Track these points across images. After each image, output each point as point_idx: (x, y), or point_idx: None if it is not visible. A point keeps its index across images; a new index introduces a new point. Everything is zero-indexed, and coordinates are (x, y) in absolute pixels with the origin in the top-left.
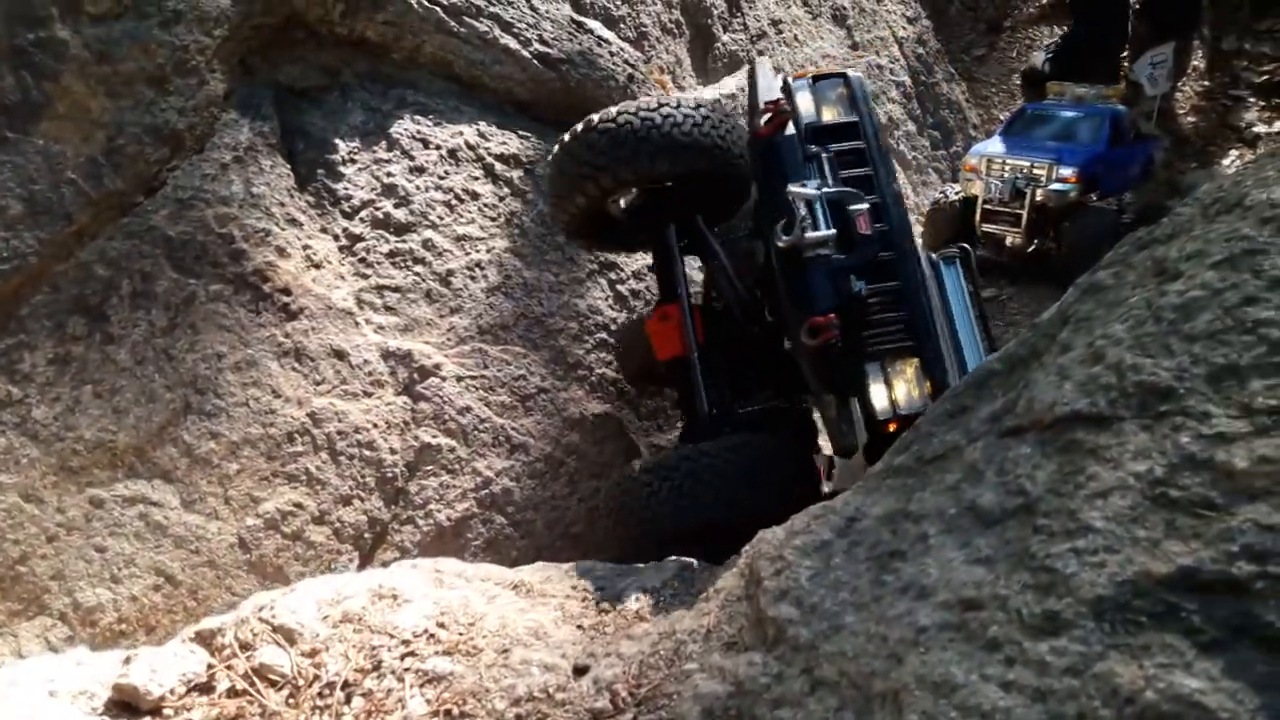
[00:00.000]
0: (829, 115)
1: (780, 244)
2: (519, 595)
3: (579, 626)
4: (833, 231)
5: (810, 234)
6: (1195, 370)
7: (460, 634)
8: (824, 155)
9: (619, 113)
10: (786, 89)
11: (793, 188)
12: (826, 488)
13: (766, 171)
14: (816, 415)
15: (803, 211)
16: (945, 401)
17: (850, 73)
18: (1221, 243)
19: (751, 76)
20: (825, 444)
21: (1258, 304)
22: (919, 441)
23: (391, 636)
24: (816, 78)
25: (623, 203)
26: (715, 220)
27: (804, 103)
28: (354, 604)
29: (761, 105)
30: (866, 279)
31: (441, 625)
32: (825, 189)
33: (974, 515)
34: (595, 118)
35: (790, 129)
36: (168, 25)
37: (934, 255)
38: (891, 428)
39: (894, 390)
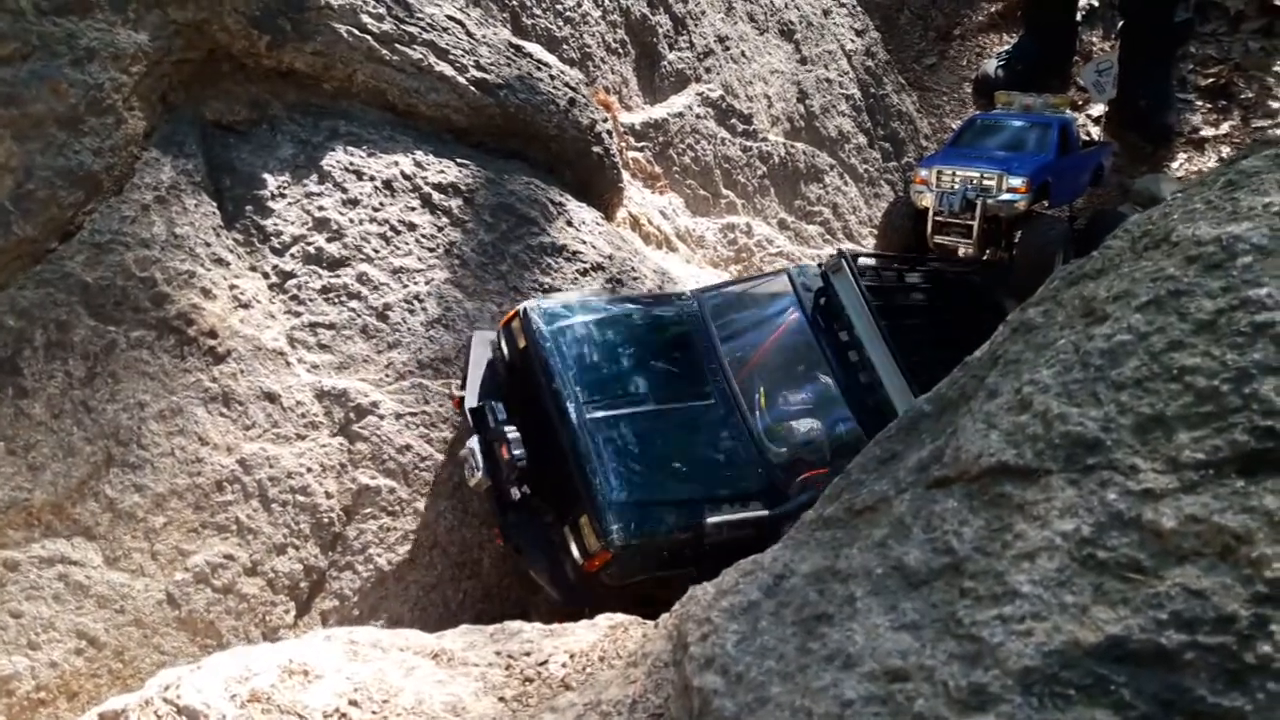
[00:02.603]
0: (519, 346)
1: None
2: (439, 665)
3: (500, 698)
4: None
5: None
6: (1122, 420)
7: (373, 712)
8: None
9: None
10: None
11: (469, 442)
12: None
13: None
14: None
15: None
16: (877, 446)
17: (524, 306)
18: (1148, 282)
19: (467, 348)
20: None
21: (1184, 350)
22: (849, 490)
23: (300, 717)
24: (507, 321)
25: None
26: None
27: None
28: (262, 681)
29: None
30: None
31: (354, 704)
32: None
33: (901, 575)
34: None
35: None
36: (80, 64)
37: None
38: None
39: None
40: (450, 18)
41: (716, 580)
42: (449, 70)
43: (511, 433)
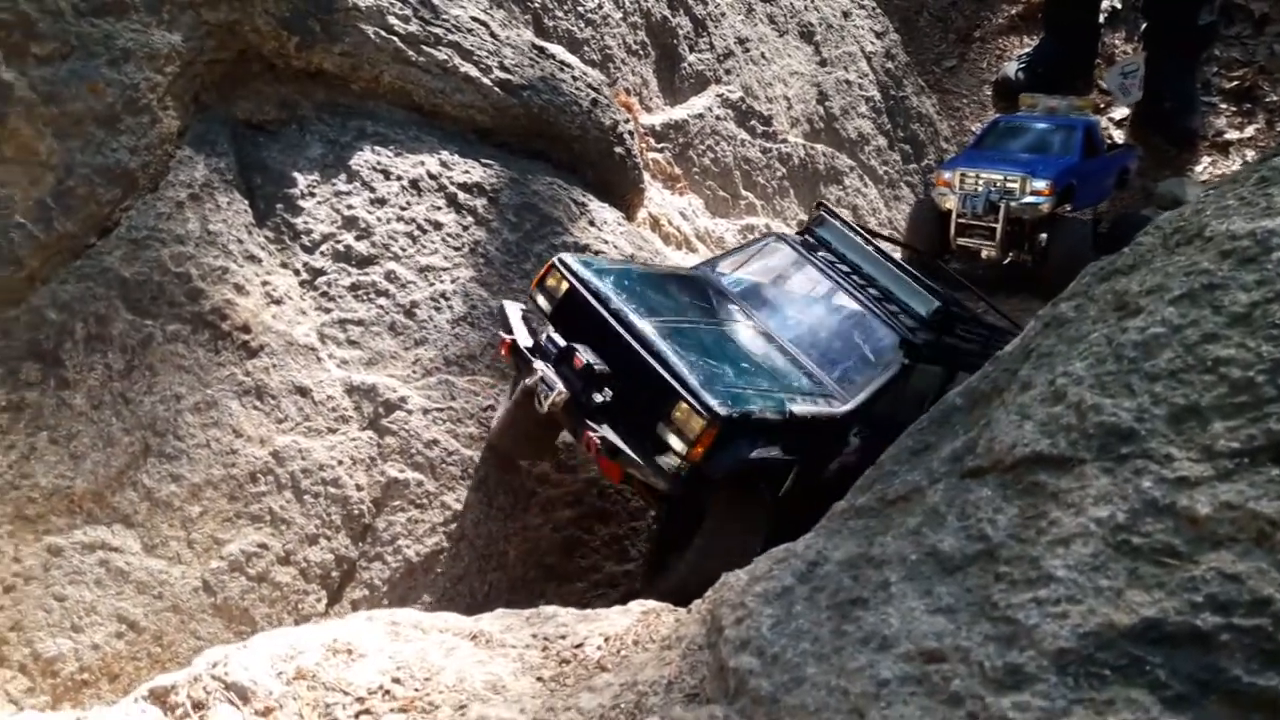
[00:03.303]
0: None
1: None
2: (478, 646)
3: (539, 678)
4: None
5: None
6: (1156, 411)
7: (416, 690)
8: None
9: None
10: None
11: (536, 369)
12: None
13: None
14: None
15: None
16: (909, 438)
17: (555, 258)
18: (1181, 277)
19: (502, 312)
20: None
21: (1218, 341)
22: (882, 480)
23: (346, 694)
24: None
25: None
26: None
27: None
28: (308, 659)
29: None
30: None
31: (397, 681)
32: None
33: (935, 561)
34: None
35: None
36: (116, 64)
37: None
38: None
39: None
40: (475, 19)
41: (749, 567)
42: (474, 71)
43: (583, 348)
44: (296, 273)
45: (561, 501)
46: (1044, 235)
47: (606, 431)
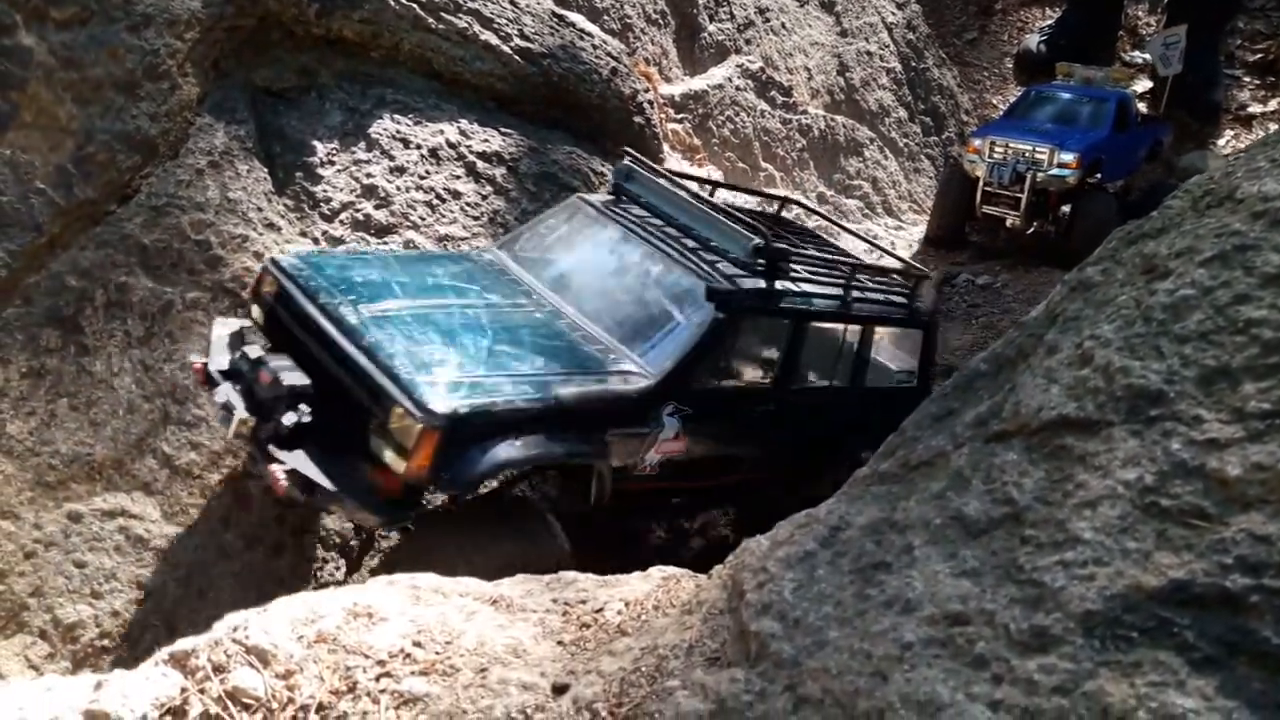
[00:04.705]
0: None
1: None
2: (498, 610)
3: (559, 642)
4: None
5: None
6: (1186, 373)
7: (437, 653)
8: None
9: None
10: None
11: (219, 392)
12: None
13: None
14: None
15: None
16: (932, 403)
17: (264, 261)
18: (1212, 239)
19: (207, 333)
20: None
21: (1249, 303)
22: (905, 446)
23: (367, 657)
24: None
25: None
26: None
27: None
28: (329, 623)
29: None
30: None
31: (418, 644)
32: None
33: (960, 525)
34: None
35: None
36: (136, 30)
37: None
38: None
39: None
40: None
41: (770, 533)
42: (493, 39)
43: (277, 360)
44: (315, 241)
45: None
46: (1068, 207)
47: (298, 460)
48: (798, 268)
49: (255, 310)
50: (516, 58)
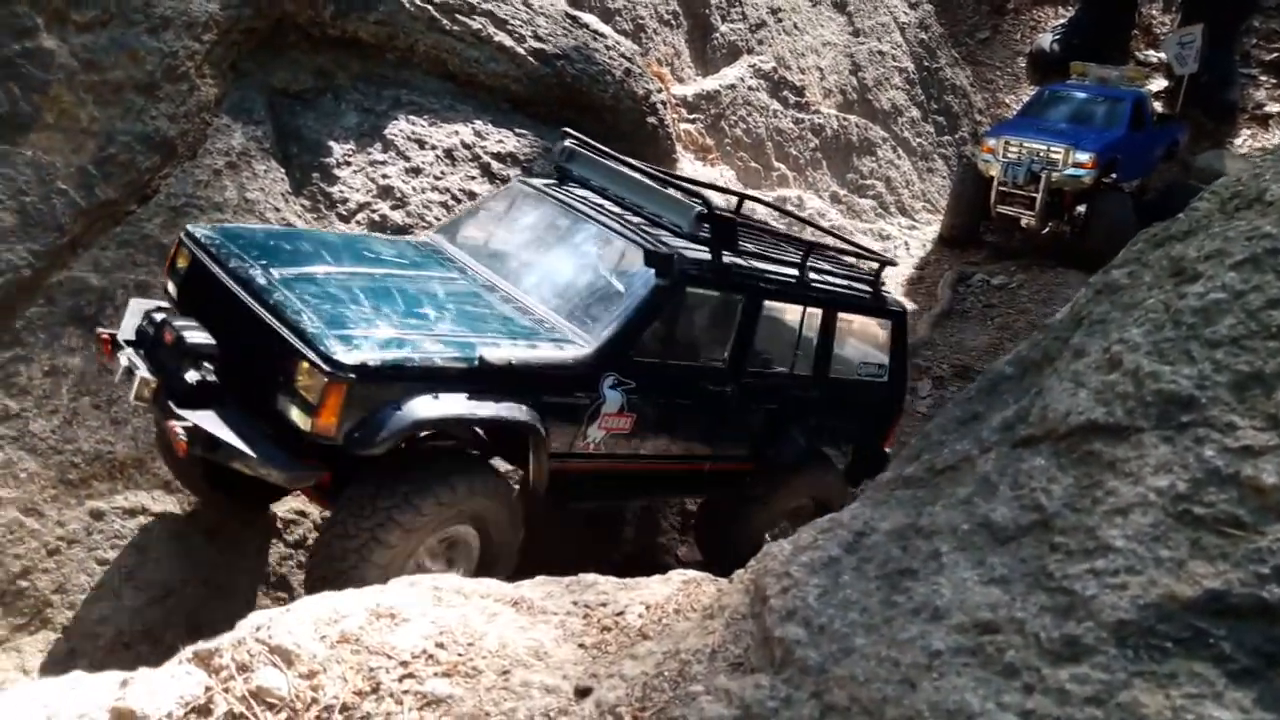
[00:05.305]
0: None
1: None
2: (519, 612)
3: (581, 645)
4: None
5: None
6: (1218, 378)
7: (459, 654)
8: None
9: None
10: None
11: (121, 357)
12: None
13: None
14: None
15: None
16: (956, 407)
17: (180, 234)
18: (1242, 241)
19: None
20: None
21: None
22: (929, 450)
23: (389, 657)
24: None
25: None
26: None
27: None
28: (352, 623)
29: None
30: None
31: (440, 645)
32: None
33: (988, 531)
34: None
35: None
36: (155, 32)
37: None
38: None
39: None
40: None
41: (793, 537)
42: (508, 40)
43: (181, 320)
44: None
45: None
46: (1083, 207)
47: (201, 418)
48: (750, 245)
49: (170, 286)
50: (530, 59)
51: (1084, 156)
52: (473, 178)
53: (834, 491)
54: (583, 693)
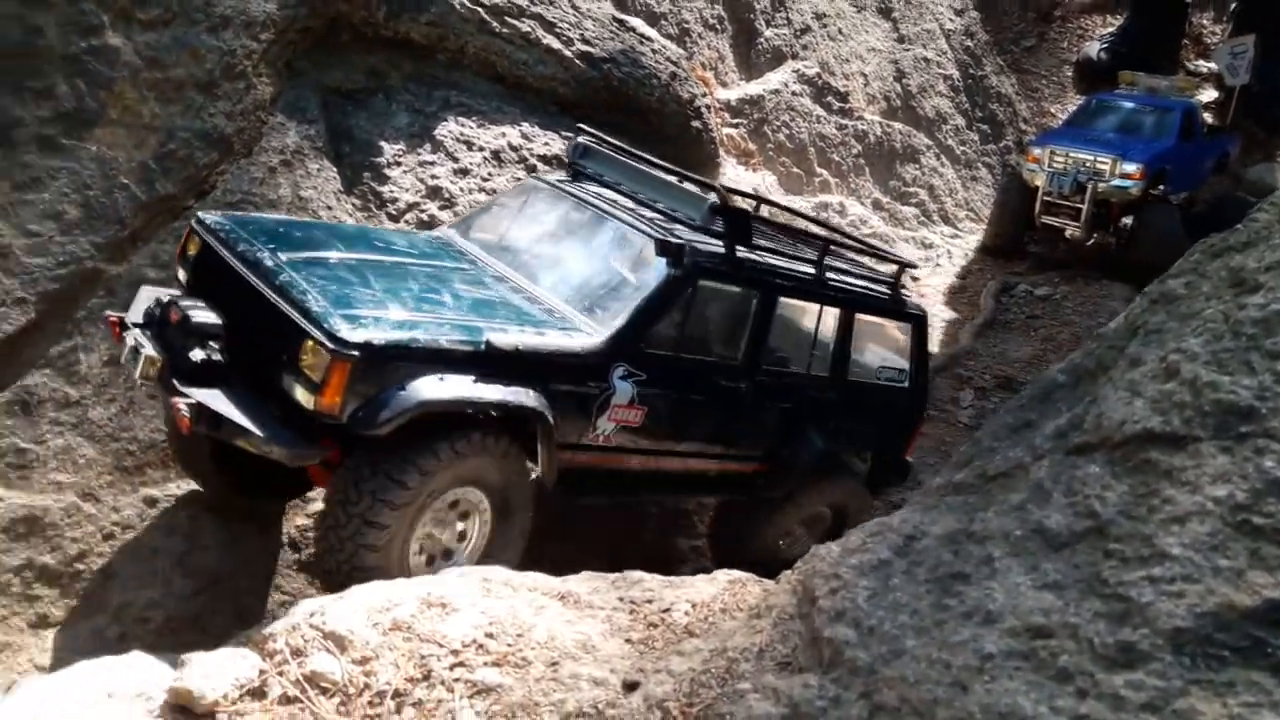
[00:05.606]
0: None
1: None
2: (566, 606)
3: (627, 640)
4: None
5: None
6: (1279, 389)
7: (509, 645)
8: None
9: None
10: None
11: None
12: None
13: None
14: None
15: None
16: (1008, 414)
17: (191, 220)
18: None
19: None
20: None
21: None
22: (981, 456)
23: (441, 646)
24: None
25: None
26: None
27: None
28: (403, 611)
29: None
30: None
31: (490, 635)
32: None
33: (1041, 537)
34: None
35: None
36: (216, 30)
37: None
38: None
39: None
40: None
41: (841, 540)
42: (556, 43)
43: (187, 301)
44: None
45: None
46: (1129, 219)
47: (205, 395)
48: (766, 241)
49: (181, 273)
50: (578, 62)
51: (1132, 167)
52: (519, 179)
53: (853, 500)
54: (630, 687)
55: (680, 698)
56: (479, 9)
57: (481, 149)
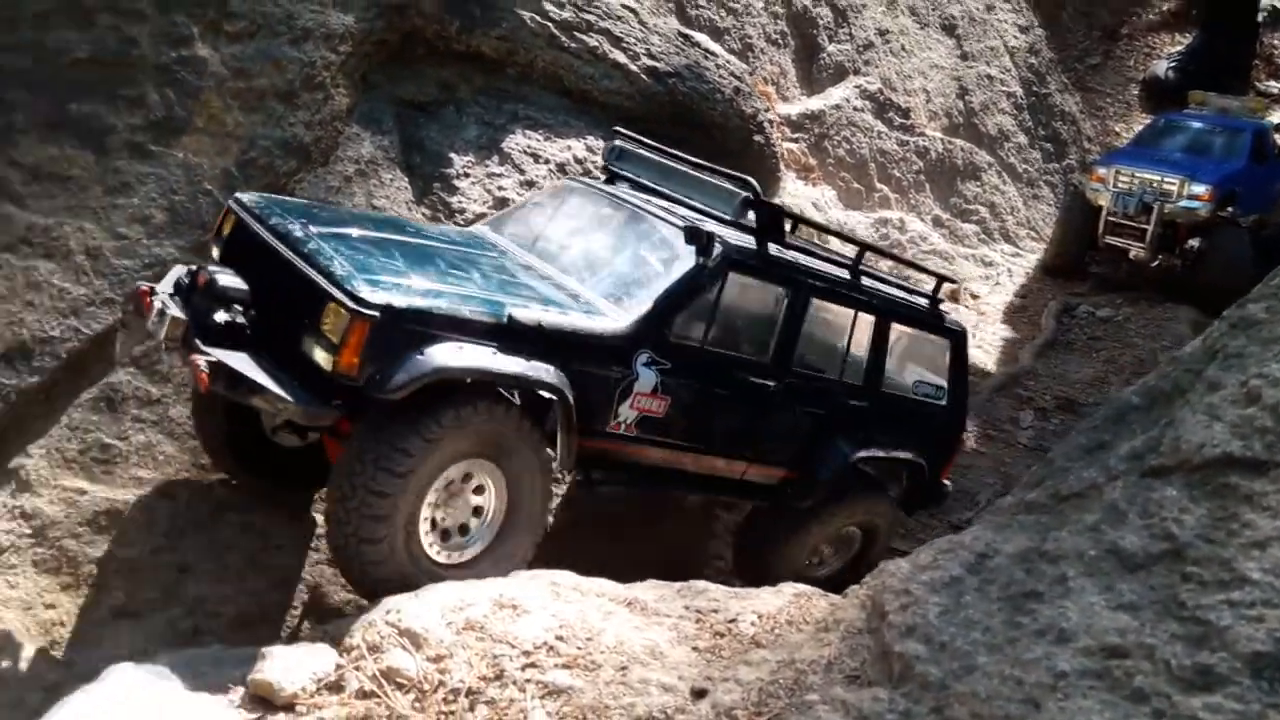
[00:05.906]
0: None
1: None
2: (633, 612)
3: (694, 648)
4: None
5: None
6: None
7: (579, 648)
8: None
9: None
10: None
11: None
12: None
13: None
14: None
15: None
16: (1081, 435)
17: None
18: None
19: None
20: None
21: None
22: (1053, 477)
23: (513, 646)
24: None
25: None
26: None
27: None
28: (476, 612)
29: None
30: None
31: (560, 638)
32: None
33: (1116, 558)
34: None
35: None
36: (298, 42)
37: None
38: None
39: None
40: (625, 6)
41: (911, 556)
42: (622, 58)
43: (214, 267)
44: None
45: None
46: (1196, 241)
47: (226, 355)
48: (800, 242)
49: (215, 251)
50: (644, 76)
51: (1200, 188)
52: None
53: (885, 520)
54: (699, 694)
55: (748, 706)
56: (549, 24)
57: (547, 161)
